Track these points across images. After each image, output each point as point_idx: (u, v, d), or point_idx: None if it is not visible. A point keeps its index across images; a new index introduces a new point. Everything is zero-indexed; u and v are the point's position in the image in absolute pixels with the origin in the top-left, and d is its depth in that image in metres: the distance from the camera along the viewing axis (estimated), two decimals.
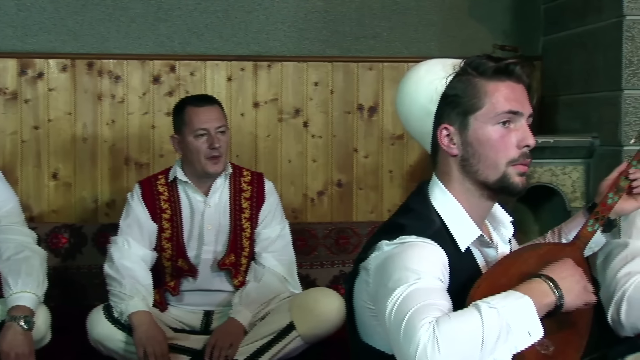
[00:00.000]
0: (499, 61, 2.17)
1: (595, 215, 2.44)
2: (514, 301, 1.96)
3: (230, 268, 3.62)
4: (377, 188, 4.81)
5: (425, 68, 2.23)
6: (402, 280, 1.98)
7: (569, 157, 4.18)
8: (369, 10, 4.80)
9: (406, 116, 2.27)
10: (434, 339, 1.85)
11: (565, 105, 4.57)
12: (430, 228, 2.13)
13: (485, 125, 2.16)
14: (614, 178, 2.57)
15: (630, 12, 3.92)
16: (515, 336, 1.92)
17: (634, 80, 3.92)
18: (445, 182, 2.22)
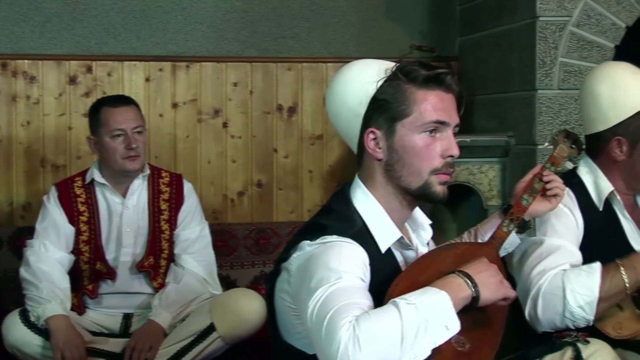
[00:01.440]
0: (431, 69, 2.19)
1: (510, 216, 2.50)
2: (431, 296, 1.98)
3: (150, 270, 3.59)
4: (297, 188, 4.82)
5: (357, 69, 2.24)
6: (323, 280, 1.99)
7: (486, 156, 4.24)
8: (288, 10, 4.81)
9: (335, 116, 2.27)
10: (355, 338, 1.86)
11: (481, 105, 4.63)
12: (351, 228, 2.14)
13: (411, 133, 2.17)
14: (528, 180, 2.62)
15: (543, 14, 3.99)
16: (433, 331, 1.94)
17: (547, 80, 4.00)
18: (368, 184, 2.24)
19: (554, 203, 2.63)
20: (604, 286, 2.52)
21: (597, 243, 2.69)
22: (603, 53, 3.99)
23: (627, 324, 2.61)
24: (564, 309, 2.51)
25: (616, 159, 2.77)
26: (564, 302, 2.51)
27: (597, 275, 2.53)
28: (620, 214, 2.79)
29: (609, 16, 4.00)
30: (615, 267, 2.56)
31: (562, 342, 2.40)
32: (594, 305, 2.51)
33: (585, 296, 2.51)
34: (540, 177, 2.62)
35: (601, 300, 2.51)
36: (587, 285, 2.52)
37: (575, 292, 2.51)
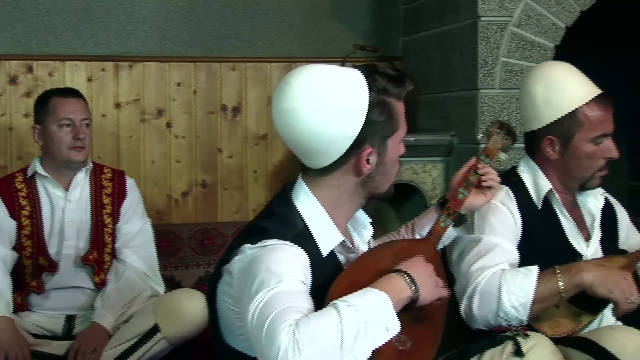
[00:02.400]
0: (401, 81, 2.24)
1: (447, 211, 2.53)
2: (371, 298, 2.00)
3: (94, 264, 3.56)
4: (241, 188, 4.81)
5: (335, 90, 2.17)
6: (264, 284, 1.99)
7: (429, 155, 4.27)
8: (231, 10, 4.80)
9: (303, 133, 2.18)
10: (295, 342, 1.87)
11: (424, 105, 4.66)
12: (292, 231, 2.16)
13: (397, 146, 2.27)
14: (463, 173, 2.66)
15: (485, 14, 4.03)
16: (373, 332, 1.96)
17: (489, 79, 4.04)
18: (316, 189, 2.25)
19: (489, 195, 2.68)
20: (539, 289, 2.55)
21: (536, 241, 2.73)
22: (543, 53, 4.04)
23: (564, 323, 2.65)
24: (498, 308, 2.55)
25: (549, 158, 2.81)
26: (498, 302, 2.55)
27: (534, 278, 2.56)
28: (559, 212, 2.83)
29: (549, 16, 4.05)
30: (552, 272, 2.60)
31: (502, 337, 2.43)
32: (528, 307, 2.54)
33: (520, 297, 2.54)
34: (475, 169, 2.65)
35: (535, 302, 2.55)
36: (522, 287, 2.55)
37: (511, 292, 2.54)
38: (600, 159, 2.80)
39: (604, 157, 2.80)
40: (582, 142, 2.78)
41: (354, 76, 2.20)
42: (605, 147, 2.79)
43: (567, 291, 2.58)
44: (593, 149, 2.78)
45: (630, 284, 2.62)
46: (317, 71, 2.21)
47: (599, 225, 2.88)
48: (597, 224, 2.88)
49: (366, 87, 2.19)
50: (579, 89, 2.79)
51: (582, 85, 2.81)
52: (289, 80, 2.20)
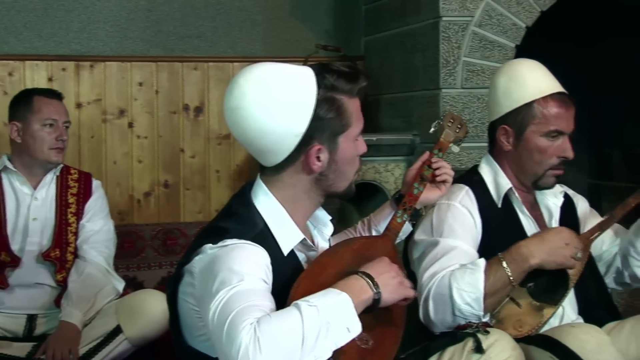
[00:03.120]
0: (354, 77, 2.23)
1: (403, 206, 2.54)
2: (332, 298, 2.00)
3: (55, 262, 3.54)
4: (204, 188, 4.80)
5: (279, 87, 2.18)
6: (225, 283, 1.99)
7: (392, 154, 4.28)
8: (193, 9, 4.78)
9: (250, 131, 2.19)
10: (256, 340, 1.87)
11: (387, 104, 4.68)
12: (252, 231, 2.16)
13: (351, 143, 2.25)
14: (417, 168, 2.67)
15: (446, 14, 4.05)
16: (334, 333, 1.96)
17: (450, 79, 4.06)
18: (272, 187, 2.25)
19: (444, 190, 2.69)
20: (488, 282, 2.56)
21: (497, 240, 2.73)
22: (504, 53, 4.07)
23: (527, 320, 2.67)
24: (452, 308, 2.55)
25: (503, 149, 2.83)
26: (451, 302, 2.55)
27: (481, 272, 2.57)
28: (519, 211, 2.84)
29: (509, 16, 4.08)
30: (497, 261, 2.60)
31: (463, 334, 2.44)
32: (481, 302, 2.55)
33: (471, 293, 2.55)
34: (429, 163, 2.66)
35: (487, 295, 2.55)
36: (471, 283, 2.56)
37: (461, 290, 2.55)
38: (553, 156, 2.80)
39: (557, 155, 2.80)
40: (534, 135, 2.79)
41: (303, 73, 2.20)
42: (559, 145, 2.80)
43: (517, 279, 2.60)
44: (546, 144, 2.79)
45: (571, 247, 2.65)
46: (265, 69, 2.21)
47: (557, 222, 2.90)
48: (556, 222, 2.90)
49: (314, 84, 2.18)
50: (539, 83, 2.81)
51: (544, 80, 2.83)
52: (237, 78, 2.21)
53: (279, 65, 2.23)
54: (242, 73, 2.21)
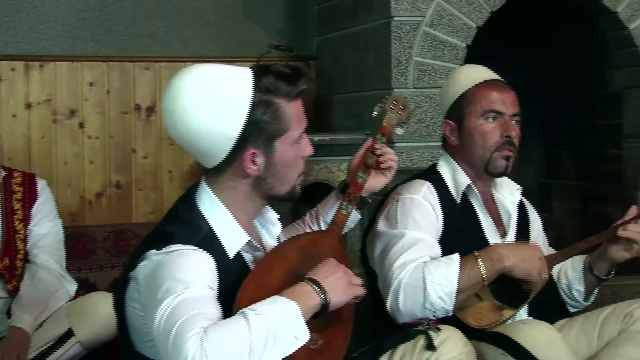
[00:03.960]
0: (293, 80, 2.20)
1: (347, 197, 2.51)
2: (280, 307, 1.99)
3: (5, 272, 3.49)
4: (156, 189, 4.78)
5: (217, 89, 2.16)
6: (170, 291, 1.97)
7: (344, 154, 4.27)
8: (144, 9, 4.76)
9: (187, 134, 2.18)
10: (202, 350, 1.86)
11: (339, 104, 4.69)
12: (197, 235, 2.14)
13: (289, 147, 2.22)
14: (361, 155, 2.64)
15: (398, 14, 4.06)
16: (282, 341, 1.96)
17: (402, 79, 4.07)
18: (216, 189, 2.23)
19: (389, 176, 2.66)
20: (462, 277, 2.57)
21: (455, 236, 2.76)
22: (455, 53, 4.10)
23: (487, 314, 2.69)
24: (424, 300, 2.56)
25: (452, 145, 2.87)
26: (424, 294, 2.55)
27: (456, 266, 2.58)
28: (478, 209, 2.87)
29: (460, 16, 4.11)
30: (472, 258, 2.62)
31: (414, 331, 2.44)
32: (453, 296, 2.56)
33: (445, 287, 2.56)
34: (372, 150, 2.63)
35: (460, 291, 2.57)
36: (446, 277, 2.57)
37: (435, 283, 2.56)
38: (495, 136, 2.82)
39: (500, 135, 2.82)
40: (471, 119, 2.82)
41: (239, 75, 2.17)
42: (500, 125, 2.81)
43: (489, 278, 2.62)
44: (484, 124, 2.81)
45: (543, 262, 2.71)
46: (200, 71, 2.18)
47: (515, 222, 2.94)
48: (514, 221, 2.93)
49: (250, 86, 2.15)
50: (472, 75, 2.86)
51: (478, 72, 2.88)
52: (173, 80, 2.20)
53: (215, 66, 2.20)
54: (178, 75, 2.20)
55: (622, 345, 2.72)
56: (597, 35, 4.52)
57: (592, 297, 3.04)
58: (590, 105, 4.79)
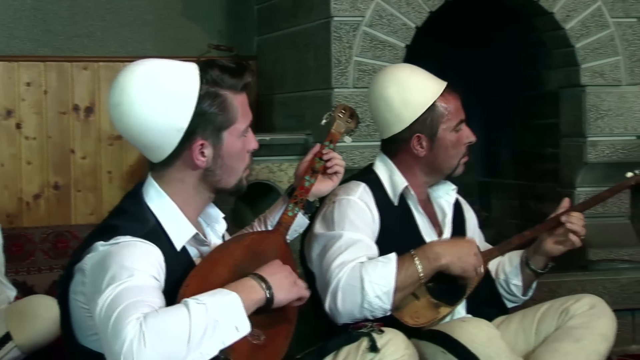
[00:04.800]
0: (238, 72, 2.22)
1: (294, 199, 2.54)
2: (222, 297, 2.01)
3: None
4: (96, 189, 4.74)
5: (165, 82, 2.17)
6: (115, 279, 1.99)
7: (285, 154, 4.29)
8: (82, 8, 4.71)
9: (135, 126, 2.18)
10: (141, 335, 1.87)
11: (280, 104, 4.69)
12: (144, 228, 2.15)
13: (237, 139, 2.24)
14: (309, 160, 2.68)
15: (337, 14, 4.07)
16: (222, 331, 1.97)
17: (342, 79, 4.08)
18: (162, 183, 2.24)
19: (335, 181, 2.71)
20: (399, 276, 2.60)
21: (392, 237, 2.78)
22: (395, 52, 4.12)
23: (424, 313, 2.71)
24: (362, 299, 2.58)
25: (419, 156, 2.87)
26: (362, 293, 2.58)
27: (393, 265, 2.61)
28: (414, 209, 2.89)
29: (399, 16, 4.13)
30: (409, 257, 2.65)
31: (358, 333, 2.46)
32: (391, 295, 2.58)
33: (383, 286, 2.58)
34: (320, 155, 2.67)
35: (397, 289, 2.59)
36: (384, 276, 2.59)
37: (373, 282, 2.58)
38: (462, 145, 2.90)
39: (464, 143, 2.90)
40: (446, 133, 2.86)
41: (185, 69, 2.20)
42: (464, 133, 2.89)
43: (426, 276, 2.65)
44: (455, 137, 2.87)
45: (478, 257, 2.76)
46: (147, 65, 2.21)
47: (450, 221, 2.97)
48: (449, 219, 2.97)
49: (197, 79, 2.18)
50: (430, 84, 2.87)
51: (431, 80, 2.89)
52: (119, 75, 2.22)
53: (161, 61, 2.23)
54: (125, 69, 2.22)
55: (559, 341, 2.77)
56: (534, 36, 4.58)
57: (530, 292, 3.08)
58: (528, 104, 4.85)
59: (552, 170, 4.61)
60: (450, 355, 2.56)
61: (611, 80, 4.38)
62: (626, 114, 4.40)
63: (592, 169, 4.36)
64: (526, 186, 4.86)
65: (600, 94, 4.38)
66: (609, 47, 4.37)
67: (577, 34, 4.33)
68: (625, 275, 4.17)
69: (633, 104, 4.41)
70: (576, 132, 4.43)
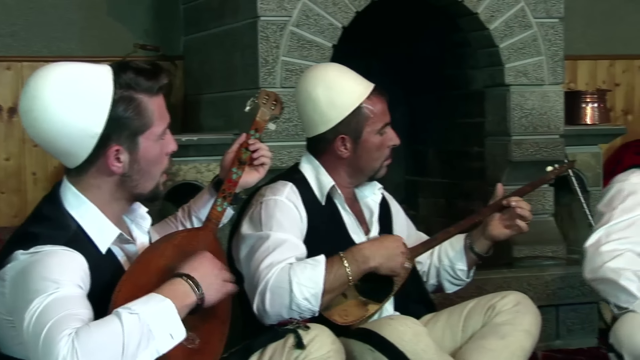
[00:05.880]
0: (153, 75, 2.19)
1: (222, 194, 2.51)
2: (155, 305, 1.99)
3: None
4: (20, 191, 4.68)
5: (78, 87, 2.13)
6: (40, 291, 1.94)
7: (213, 154, 4.25)
8: (4, 7, 4.65)
9: (47, 132, 2.14)
10: (74, 351, 1.84)
11: (208, 104, 4.67)
12: (65, 234, 2.11)
13: (153, 143, 2.20)
14: (235, 150, 2.66)
15: (264, 14, 4.07)
16: (157, 340, 1.95)
17: (270, 78, 4.08)
18: (80, 187, 2.20)
19: (262, 172, 2.70)
20: (328, 278, 2.61)
21: (320, 236, 2.79)
22: (322, 52, 4.13)
23: (352, 311, 2.73)
24: (290, 301, 2.58)
25: (342, 157, 2.88)
26: (290, 296, 2.58)
27: (322, 268, 2.62)
28: (341, 208, 2.91)
29: (326, 16, 4.14)
30: (338, 259, 2.66)
31: (284, 330, 2.46)
32: (319, 297, 2.60)
33: (311, 288, 2.59)
34: (246, 146, 2.64)
35: (325, 292, 2.61)
36: (312, 278, 2.60)
37: (301, 284, 2.58)
38: (385, 148, 2.91)
39: (388, 145, 2.91)
40: (371, 135, 2.87)
41: (99, 72, 2.15)
42: (388, 136, 2.90)
43: (355, 277, 2.67)
44: (379, 139, 2.88)
45: (404, 255, 2.79)
46: (58, 69, 2.16)
47: (377, 219, 2.99)
48: (376, 218, 2.99)
49: (111, 83, 2.14)
50: (357, 86, 2.88)
51: (358, 81, 2.90)
52: (30, 80, 2.16)
53: (73, 64, 2.18)
54: (35, 74, 2.16)
55: (486, 338, 2.81)
56: (459, 36, 4.63)
57: (472, 273, 3.12)
58: (454, 104, 4.90)
59: (478, 169, 4.66)
60: (378, 353, 2.58)
61: (534, 80, 4.45)
62: (549, 112, 4.48)
63: (517, 167, 4.43)
64: (452, 185, 4.92)
65: (524, 93, 4.45)
66: (532, 47, 4.44)
67: (501, 34, 4.39)
68: (549, 272, 4.24)
69: (555, 103, 4.49)
70: (501, 130, 4.49)
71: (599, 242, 2.86)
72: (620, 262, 2.78)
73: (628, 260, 2.79)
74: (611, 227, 2.87)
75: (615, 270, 2.79)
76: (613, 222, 2.88)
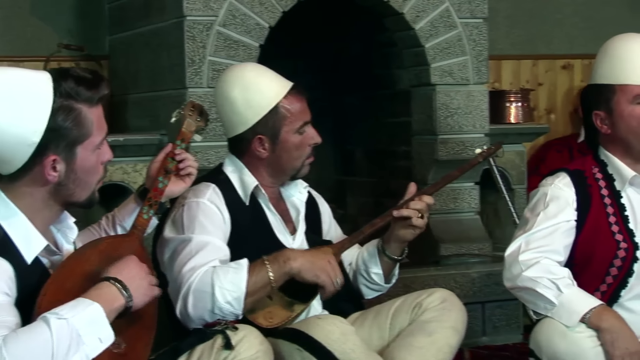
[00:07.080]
0: (95, 86, 2.16)
1: (148, 202, 2.52)
2: (83, 310, 1.97)
3: None
4: None
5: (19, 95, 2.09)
6: None
7: (140, 154, 4.23)
8: None
9: None
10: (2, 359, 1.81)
11: (134, 104, 4.63)
12: None
13: (90, 153, 2.17)
14: (161, 160, 2.66)
15: (190, 13, 4.05)
16: (86, 345, 1.95)
17: (197, 78, 4.06)
18: (10, 194, 2.16)
19: (188, 182, 2.70)
20: (250, 282, 2.61)
21: (245, 236, 2.79)
22: (249, 52, 4.12)
23: (278, 312, 2.73)
24: (213, 305, 2.58)
25: (261, 157, 2.88)
26: (212, 299, 2.58)
27: (244, 271, 2.62)
28: (266, 208, 2.91)
29: (253, 16, 4.14)
30: (261, 262, 2.66)
31: (212, 331, 2.46)
32: (242, 301, 2.60)
33: (233, 292, 2.59)
34: (172, 155, 2.64)
35: (248, 295, 2.61)
36: (234, 282, 2.60)
37: (224, 288, 2.58)
38: (306, 147, 2.91)
39: (309, 144, 2.91)
40: (289, 135, 2.87)
41: (38, 80, 2.12)
42: (308, 135, 2.90)
43: (277, 280, 2.66)
44: (299, 138, 2.88)
45: (334, 267, 2.76)
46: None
47: (303, 218, 2.99)
48: (302, 217, 2.99)
49: (51, 91, 2.10)
50: (274, 86, 2.88)
51: (276, 81, 2.90)
52: None
53: (11, 69, 2.13)
54: None
55: (413, 335, 2.83)
56: (385, 36, 4.66)
57: (393, 279, 3.11)
58: (381, 103, 4.93)
59: (405, 168, 4.70)
60: (306, 352, 2.58)
61: (460, 79, 4.50)
62: (474, 112, 4.53)
63: (443, 165, 4.47)
64: (380, 184, 4.95)
65: (449, 93, 4.50)
66: (457, 47, 4.49)
67: (427, 34, 4.43)
68: (475, 270, 4.30)
69: (480, 102, 4.55)
70: (427, 130, 4.54)
71: (518, 251, 2.87)
72: (538, 271, 2.80)
73: (545, 268, 2.80)
74: (531, 236, 2.85)
75: (533, 278, 2.80)
76: (534, 230, 2.86)
